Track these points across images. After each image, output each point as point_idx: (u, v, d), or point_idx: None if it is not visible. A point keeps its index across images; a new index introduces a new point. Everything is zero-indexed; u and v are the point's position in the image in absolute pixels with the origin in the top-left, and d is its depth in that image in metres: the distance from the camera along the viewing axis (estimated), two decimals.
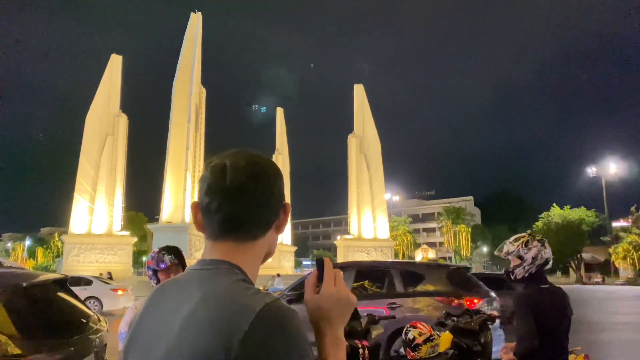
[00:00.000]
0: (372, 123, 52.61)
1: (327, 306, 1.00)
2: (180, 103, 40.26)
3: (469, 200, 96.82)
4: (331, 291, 1.00)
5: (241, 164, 0.98)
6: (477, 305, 7.01)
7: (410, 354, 3.73)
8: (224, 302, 0.87)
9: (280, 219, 1.04)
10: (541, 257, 3.13)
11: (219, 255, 0.98)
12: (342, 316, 1.02)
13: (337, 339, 1.01)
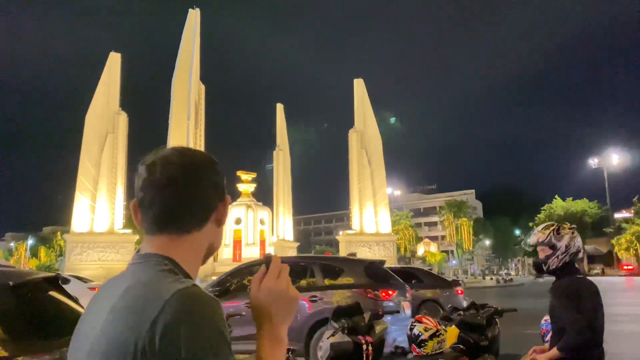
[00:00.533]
0: (372, 118, 52.43)
1: (266, 301, 0.97)
2: (180, 100, 40.12)
3: (471, 194, 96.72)
4: (270, 285, 0.98)
5: (172, 158, 0.97)
6: (392, 297, 7.63)
7: (416, 350, 3.59)
8: (142, 292, 0.86)
9: (219, 212, 1.02)
10: (574, 246, 2.97)
11: (153, 249, 0.96)
12: (284, 312, 0.98)
13: (277, 337, 0.97)
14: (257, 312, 0.99)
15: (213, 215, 1.01)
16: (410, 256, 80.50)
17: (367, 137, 51.87)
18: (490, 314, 4.82)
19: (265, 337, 0.96)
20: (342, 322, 4.35)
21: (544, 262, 3.00)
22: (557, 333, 2.91)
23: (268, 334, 0.96)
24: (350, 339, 4.33)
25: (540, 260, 3.03)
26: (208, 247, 1.03)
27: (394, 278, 8.50)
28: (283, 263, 1.03)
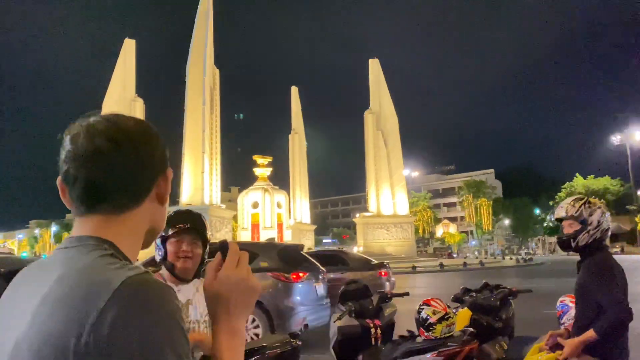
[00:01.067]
0: (388, 98, 51.90)
1: (223, 291, 0.88)
2: (194, 85, 40.14)
3: (490, 174, 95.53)
4: (228, 273, 0.89)
5: (99, 127, 0.85)
6: (302, 279, 7.95)
7: (424, 334, 3.48)
8: (81, 280, 0.75)
9: (160, 188, 0.90)
10: (606, 221, 2.80)
11: (86, 231, 0.85)
12: (242, 304, 0.90)
13: (235, 330, 0.89)
14: (213, 304, 0.89)
15: (152, 191, 0.88)
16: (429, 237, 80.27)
17: (383, 118, 51.43)
18: (504, 295, 4.67)
19: (222, 331, 0.88)
20: (349, 305, 4.26)
21: (572, 238, 2.80)
22: (584, 315, 2.71)
23: (225, 328, 0.88)
24: (358, 322, 4.25)
25: (568, 235, 2.83)
26: (149, 229, 0.91)
27: (308, 261, 8.86)
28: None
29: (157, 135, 0.91)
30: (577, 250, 2.82)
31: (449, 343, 3.33)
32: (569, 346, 2.62)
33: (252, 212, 46.11)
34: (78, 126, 0.86)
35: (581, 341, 2.58)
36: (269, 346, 3.42)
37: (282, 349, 3.43)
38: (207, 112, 39.97)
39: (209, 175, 39.54)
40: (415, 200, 75.62)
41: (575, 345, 2.59)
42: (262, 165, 47.08)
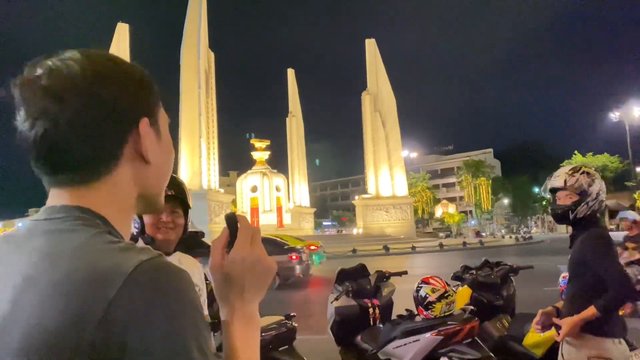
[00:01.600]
0: (385, 79, 51.52)
1: (238, 273, 0.77)
2: (189, 69, 39.75)
3: (489, 153, 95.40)
4: (245, 254, 0.77)
5: (59, 68, 0.68)
6: None
7: (424, 313, 3.39)
8: (79, 263, 0.62)
9: (140, 142, 0.73)
10: (603, 192, 2.67)
11: (68, 200, 0.70)
12: (258, 286, 0.79)
13: (251, 317, 0.79)
14: (224, 288, 0.78)
15: (126, 148, 0.72)
16: (429, 218, 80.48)
17: (381, 99, 51.12)
18: (505, 272, 4.59)
19: (236, 319, 0.77)
20: (346, 286, 4.18)
21: (571, 210, 2.65)
22: (582, 291, 2.58)
23: (240, 315, 0.78)
24: (356, 302, 4.17)
25: (567, 206, 2.66)
26: (139, 195, 0.76)
27: (206, 246, 9.20)
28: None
29: (126, 76, 0.73)
30: (574, 222, 2.67)
31: (448, 322, 3.25)
32: (567, 325, 2.48)
33: (251, 196, 46.08)
34: (33, 70, 0.70)
35: (581, 319, 2.44)
36: (264, 328, 3.34)
37: (277, 331, 3.35)
38: (203, 96, 39.64)
39: (207, 159, 39.38)
40: (414, 181, 75.57)
41: (575, 324, 2.46)
42: (260, 149, 46.92)
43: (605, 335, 2.48)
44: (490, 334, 4.17)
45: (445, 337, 3.20)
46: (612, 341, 2.48)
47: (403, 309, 3.96)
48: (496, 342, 4.05)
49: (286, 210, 48.62)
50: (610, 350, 2.45)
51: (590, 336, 2.47)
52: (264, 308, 0.98)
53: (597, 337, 2.47)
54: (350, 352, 4.12)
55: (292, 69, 56.94)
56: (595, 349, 2.45)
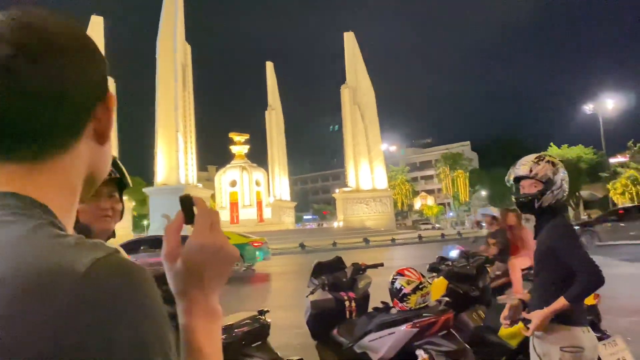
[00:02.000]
0: (364, 72, 51.51)
1: (197, 262, 0.69)
2: (165, 62, 39.16)
3: (466, 146, 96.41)
4: (204, 240, 0.69)
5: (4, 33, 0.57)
6: None
7: (399, 305, 3.35)
8: (21, 261, 0.50)
9: (100, 121, 0.63)
10: (566, 181, 2.64)
11: (4, 185, 0.59)
12: (219, 276, 0.71)
13: (213, 309, 0.71)
14: (182, 279, 0.69)
15: (86, 127, 0.62)
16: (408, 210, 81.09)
17: (360, 92, 51.11)
18: (481, 263, 4.60)
19: (197, 312, 0.69)
20: (322, 279, 4.12)
21: (536, 198, 2.61)
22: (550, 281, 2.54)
23: (201, 307, 0.69)
24: (332, 295, 4.12)
25: (532, 195, 2.62)
26: (87, 178, 0.65)
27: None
28: None
29: (90, 47, 0.63)
30: (538, 212, 2.63)
31: (423, 314, 3.21)
32: (537, 318, 2.44)
33: (231, 191, 45.77)
34: None
35: (552, 311, 2.41)
36: (235, 325, 3.27)
37: (250, 327, 3.28)
38: (180, 90, 39.12)
39: (184, 154, 38.92)
40: (394, 174, 75.97)
41: (545, 316, 2.42)
42: (239, 142, 46.56)
43: (575, 324, 2.46)
44: (466, 324, 4.17)
45: (420, 330, 3.17)
46: (581, 330, 2.47)
47: (380, 302, 3.92)
48: (472, 332, 4.06)
49: (266, 205, 48.43)
50: (581, 338, 2.44)
51: (561, 326, 2.45)
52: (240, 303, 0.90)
53: (568, 327, 2.45)
54: (326, 346, 4.07)
55: (271, 62, 56.55)
56: (566, 338, 2.43)
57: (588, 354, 2.44)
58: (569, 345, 2.41)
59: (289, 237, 37.10)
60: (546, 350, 2.48)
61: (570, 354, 2.40)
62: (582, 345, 2.42)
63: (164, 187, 37.22)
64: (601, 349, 3.49)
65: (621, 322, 6.63)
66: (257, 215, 46.23)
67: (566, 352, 2.40)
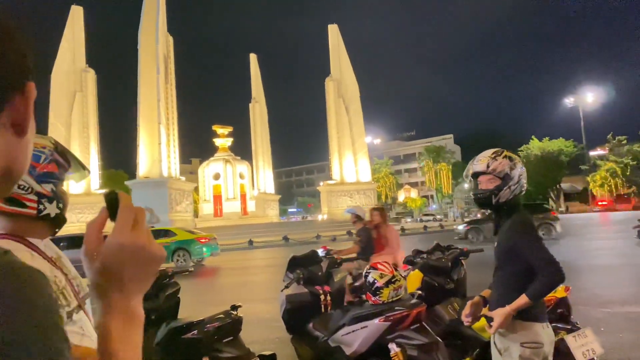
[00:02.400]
0: (348, 65, 51.38)
1: (116, 261, 0.64)
2: (147, 53, 38.58)
3: (450, 139, 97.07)
4: (124, 239, 0.64)
5: None
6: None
7: (372, 299, 3.36)
8: None
9: (16, 111, 0.57)
10: (524, 177, 2.62)
11: None
12: (141, 278, 0.66)
13: (132, 313, 0.66)
14: (100, 279, 0.65)
15: (2, 115, 0.56)
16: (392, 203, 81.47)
17: (344, 85, 51.01)
18: (456, 255, 4.63)
19: (115, 315, 0.64)
20: (297, 273, 4.12)
21: (494, 194, 2.60)
22: (512, 279, 2.55)
23: (119, 310, 0.65)
24: (307, 289, 4.13)
25: (489, 191, 2.61)
26: (2, 172, 0.57)
27: None
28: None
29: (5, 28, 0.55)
30: (496, 207, 2.63)
31: (396, 307, 3.23)
32: (499, 317, 2.44)
33: (214, 184, 45.50)
34: None
35: (513, 309, 2.41)
36: (207, 320, 3.26)
37: (222, 322, 3.26)
38: (162, 82, 38.61)
39: (167, 146, 38.51)
40: (378, 166, 76.20)
41: (507, 314, 2.43)
42: (222, 135, 46.23)
43: (536, 320, 2.48)
44: (441, 317, 4.20)
45: (392, 323, 3.18)
46: (541, 325, 2.48)
47: None
48: (447, 325, 4.08)
49: (250, 198, 48.26)
50: (541, 334, 2.46)
51: (521, 322, 2.46)
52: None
53: (527, 323, 2.46)
54: (302, 341, 4.08)
55: (255, 54, 56.15)
56: (527, 335, 2.45)
57: (547, 349, 2.47)
58: (529, 341, 2.44)
59: (273, 230, 37.05)
60: (506, 345, 2.50)
61: (530, 349, 2.43)
62: (542, 340, 2.45)
63: (146, 180, 36.82)
64: (570, 341, 3.55)
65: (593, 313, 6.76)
66: (241, 208, 46.07)
67: (526, 348, 2.43)
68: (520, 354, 2.43)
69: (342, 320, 3.52)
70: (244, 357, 3.20)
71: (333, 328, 3.64)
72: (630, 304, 7.42)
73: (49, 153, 1.46)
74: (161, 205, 35.78)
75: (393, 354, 3.14)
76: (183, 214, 39.75)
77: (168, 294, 4.59)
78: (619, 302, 7.54)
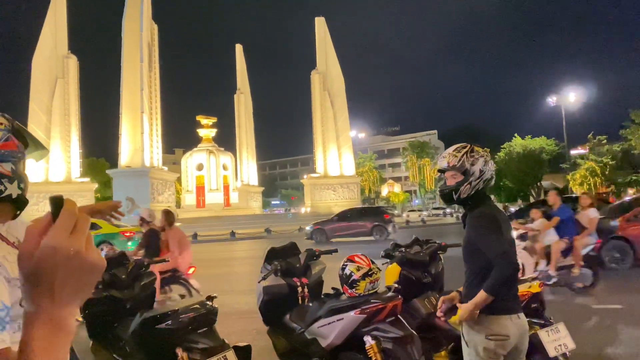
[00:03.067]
0: (335, 58, 51.26)
1: (48, 266, 0.59)
2: (131, 41, 38.01)
3: (433, 134, 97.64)
4: (58, 243, 0.59)
5: None
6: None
7: (348, 292, 3.37)
8: None
9: None
10: (488, 170, 2.61)
11: None
12: (75, 286, 0.61)
13: (60, 323, 0.61)
14: (30, 283, 0.60)
15: None
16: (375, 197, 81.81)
17: (330, 78, 50.91)
18: (434, 249, 4.66)
19: (40, 323, 0.60)
20: (275, 264, 4.11)
21: (454, 190, 2.62)
22: (474, 272, 2.58)
23: (46, 318, 0.60)
24: (285, 281, 4.11)
25: (449, 187, 2.64)
26: None
27: None
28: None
29: None
30: (460, 203, 2.66)
31: (372, 300, 3.23)
32: (463, 311, 2.49)
33: (197, 175, 45.18)
34: None
35: (474, 304, 2.44)
36: (181, 310, 3.23)
37: (196, 312, 3.24)
38: (146, 70, 38.08)
39: (149, 136, 38.06)
40: (362, 161, 76.37)
41: (469, 309, 2.46)
42: (206, 126, 45.86)
43: (501, 312, 2.48)
44: (418, 310, 4.23)
45: (368, 316, 3.18)
46: (508, 317, 2.49)
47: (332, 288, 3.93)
48: (424, 318, 4.11)
49: (233, 189, 48.05)
50: (507, 326, 2.47)
51: (486, 316, 2.48)
52: None
53: (493, 316, 2.47)
54: (278, 332, 4.07)
55: (240, 45, 55.67)
56: (491, 327, 2.47)
57: (514, 340, 2.48)
58: (494, 334, 2.46)
59: (255, 222, 36.96)
60: (472, 338, 2.53)
61: (495, 342, 2.45)
62: (507, 333, 2.45)
63: (128, 170, 36.40)
64: (543, 336, 3.60)
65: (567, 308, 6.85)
66: (223, 199, 45.85)
67: (491, 341, 2.45)
68: (485, 346, 2.46)
69: (319, 312, 3.51)
70: (218, 348, 3.18)
71: (310, 320, 3.63)
72: (603, 298, 7.55)
73: (5, 130, 1.40)
74: (143, 195, 35.45)
75: (368, 347, 3.15)
76: (165, 205, 39.40)
77: (144, 284, 4.55)
78: (591, 297, 7.67)
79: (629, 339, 5.53)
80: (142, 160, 37.21)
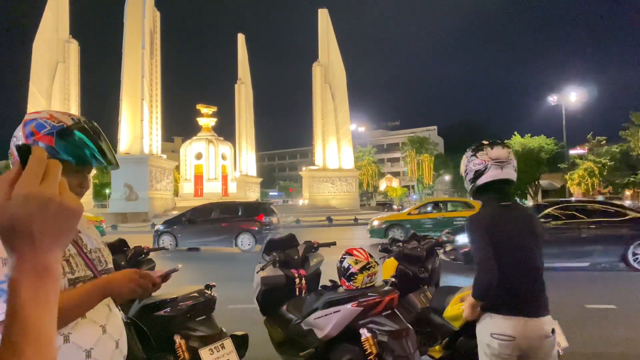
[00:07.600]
0: (337, 51, 51.10)
1: (23, 214, 0.59)
2: (133, 28, 37.83)
3: (433, 130, 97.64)
4: (29, 190, 0.60)
5: None
6: None
7: (346, 284, 3.40)
8: None
9: None
10: (473, 164, 2.60)
11: None
12: (54, 232, 0.62)
13: (45, 269, 0.61)
14: (9, 234, 0.60)
15: None
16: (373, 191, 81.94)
17: (331, 71, 50.78)
18: (431, 245, 4.69)
19: (25, 271, 0.60)
20: (274, 256, 4.14)
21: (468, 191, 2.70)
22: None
23: (30, 266, 0.60)
24: (283, 272, 4.15)
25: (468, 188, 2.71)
26: None
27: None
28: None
29: None
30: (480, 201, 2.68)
31: (369, 293, 3.26)
32: (466, 307, 2.55)
33: (196, 164, 45.14)
34: None
35: (470, 304, 2.50)
36: (180, 298, 3.26)
37: (195, 300, 3.27)
38: (147, 57, 37.95)
39: (149, 123, 38.00)
40: (361, 154, 76.40)
41: (470, 307, 2.52)
42: (206, 115, 45.76)
43: (500, 312, 2.47)
44: (413, 305, 4.27)
45: (364, 309, 3.22)
46: (513, 318, 2.44)
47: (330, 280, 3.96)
48: (419, 313, 4.16)
49: (232, 179, 48.04)
50: (514, 328, 2.42)
51: (492, 314, 2.49)
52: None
53: (496, 315, 2.47)
54: (275, 322, 4.11)
55: (243, 34, 55.47)
56: (496, 326, 2.46)
57: (523, 345, 2.42)
58: (496, 333, 2.47)
59: None
60: (480, 334, 2.55)
61: (498, 341, 2.45)
62: (513, 334, 2.41)
63: (126, 156, 36.32)
64: None
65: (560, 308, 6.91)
66: (221, 189, 45.85)
67: (495, 339, 2.46)
68: (488, 343, 2.47)
69: (316, 304, 3.55)
70: (216, 336, 3.22)
71: (306, 311, 3.67)
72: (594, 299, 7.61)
73: (55, 127, 1.42)
74: (141, 183, 35.49)
75: (364, 339, 3.19)
76: (163, 192, 39.45)
77: None
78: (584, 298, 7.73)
79: (622, 339, 5.58)
80: (142, 148, 37.18)
